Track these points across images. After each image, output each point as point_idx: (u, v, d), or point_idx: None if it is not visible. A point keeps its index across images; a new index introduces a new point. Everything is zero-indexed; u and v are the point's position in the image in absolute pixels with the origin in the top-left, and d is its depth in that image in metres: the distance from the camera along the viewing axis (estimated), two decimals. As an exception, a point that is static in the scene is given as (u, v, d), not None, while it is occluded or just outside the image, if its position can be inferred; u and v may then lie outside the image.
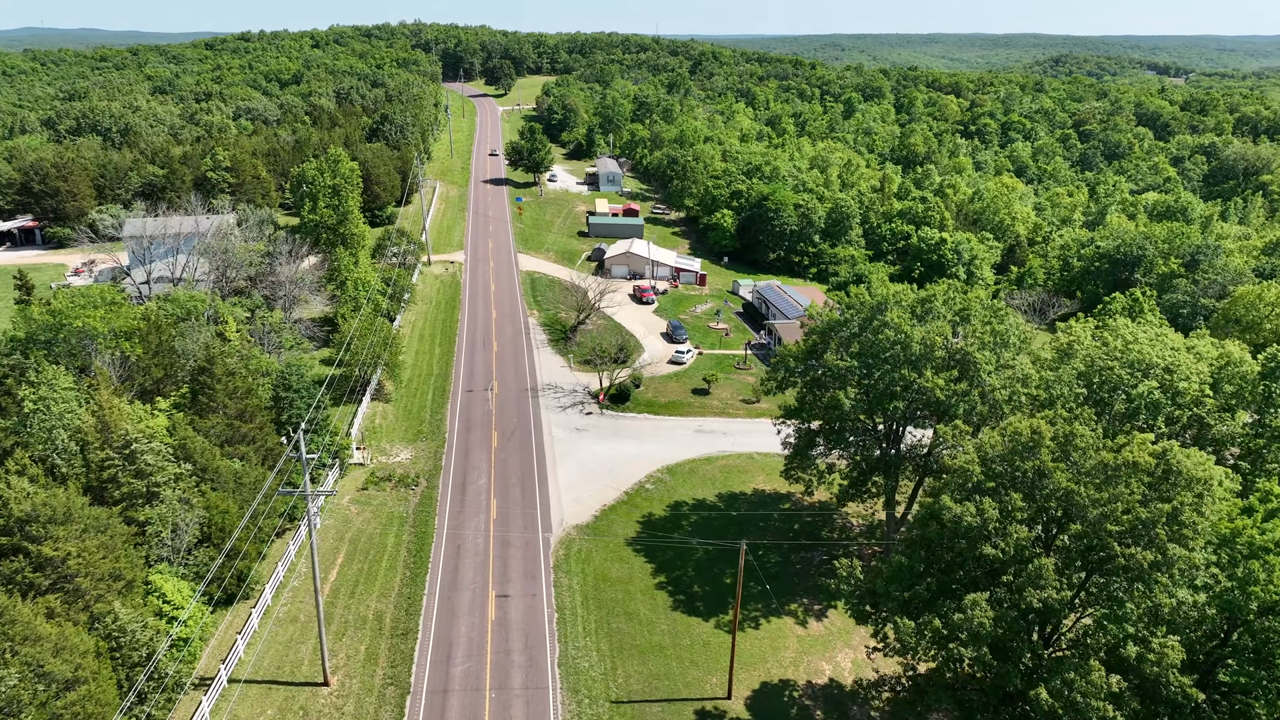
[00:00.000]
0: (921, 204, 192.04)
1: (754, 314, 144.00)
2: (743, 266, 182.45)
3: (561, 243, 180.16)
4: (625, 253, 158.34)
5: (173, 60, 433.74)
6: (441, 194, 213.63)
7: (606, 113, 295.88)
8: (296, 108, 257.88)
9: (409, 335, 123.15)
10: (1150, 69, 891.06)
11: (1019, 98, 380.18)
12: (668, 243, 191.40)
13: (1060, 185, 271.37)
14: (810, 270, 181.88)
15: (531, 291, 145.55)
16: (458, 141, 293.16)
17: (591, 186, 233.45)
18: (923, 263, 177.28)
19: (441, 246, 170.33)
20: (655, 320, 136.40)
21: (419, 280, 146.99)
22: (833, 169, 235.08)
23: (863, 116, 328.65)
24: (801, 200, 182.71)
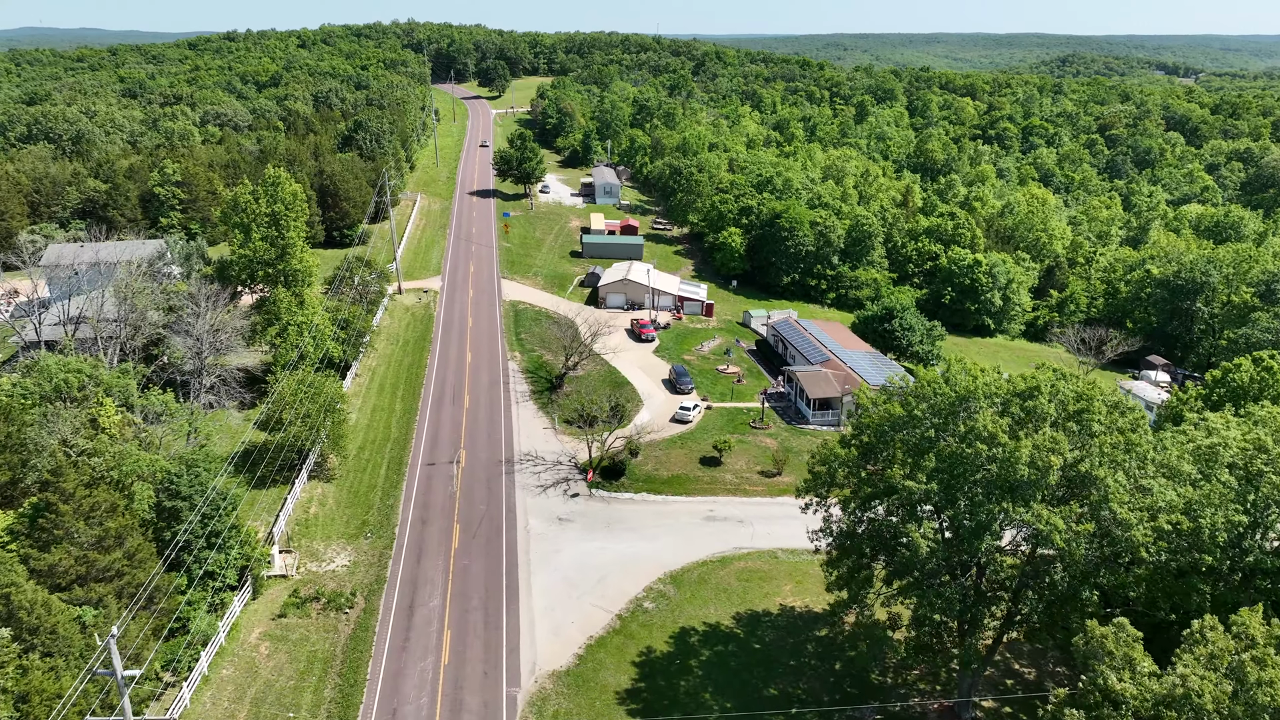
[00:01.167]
0: (950, 221, 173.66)
1: (769, 353, 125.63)
2: (753, 291, 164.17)
3: (552, 265, 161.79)
4: (622, 280, 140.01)
5: (152, 60, 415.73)
6: (422, 208, 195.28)
7: (604, 117, 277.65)
8: (270, 112, 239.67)
9: (366, 386, 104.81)
10: (1159, 69, 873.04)
11: (1038, 100, 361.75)
12: (669, 263, 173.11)
13: (1091, 194, 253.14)
14: (828, 295, 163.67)
15: (514, 327, 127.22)
16: (446, 148, 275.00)
17: (587, 198, 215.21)
18: (953, 287, 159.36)
19: (416, 271, 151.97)
20: (656, 363, 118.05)
21: (385, 315, 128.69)
22: (848, 179, 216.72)
23: (876, 120, 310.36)
24: (818, 217, 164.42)
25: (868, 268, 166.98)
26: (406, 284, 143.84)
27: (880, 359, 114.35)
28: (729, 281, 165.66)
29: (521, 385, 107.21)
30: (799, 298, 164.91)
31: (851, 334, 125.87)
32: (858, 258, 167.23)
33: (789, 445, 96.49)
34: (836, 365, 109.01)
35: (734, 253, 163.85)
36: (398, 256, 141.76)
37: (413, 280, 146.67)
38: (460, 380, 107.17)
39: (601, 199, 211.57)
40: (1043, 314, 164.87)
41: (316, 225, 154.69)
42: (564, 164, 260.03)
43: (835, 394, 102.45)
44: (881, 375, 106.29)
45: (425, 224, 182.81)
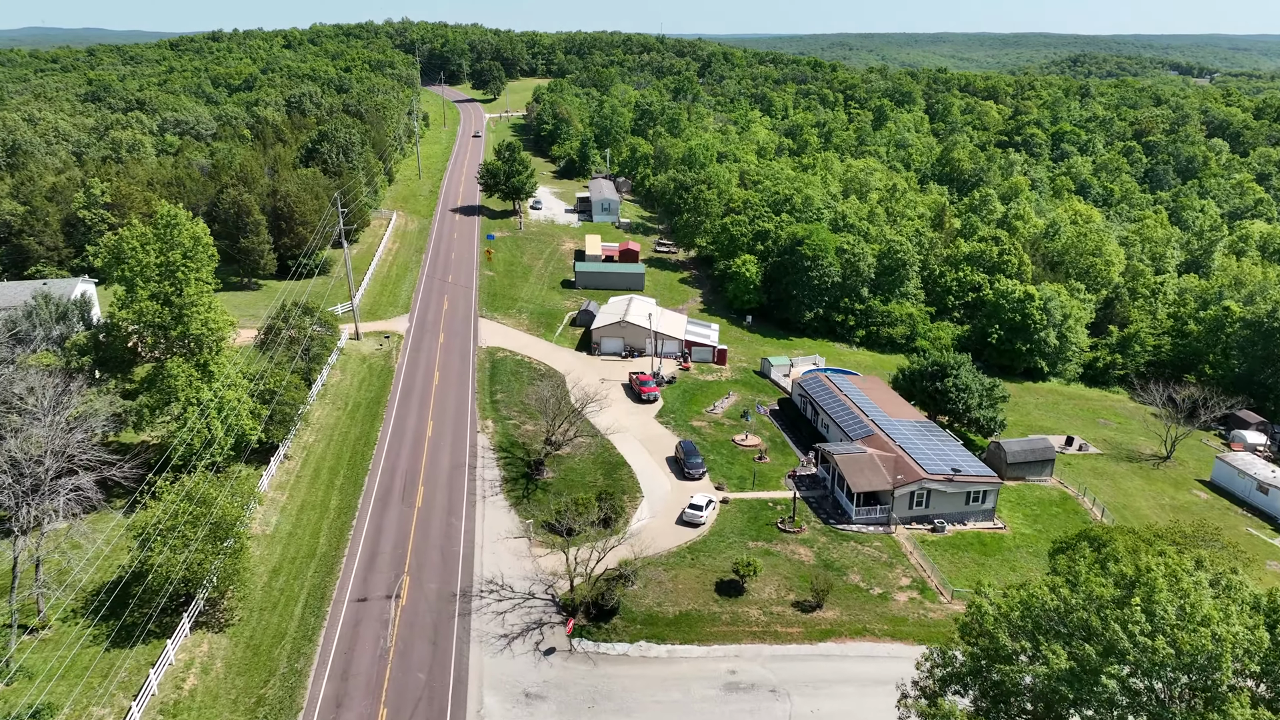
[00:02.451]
0: (995, 246, 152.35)
1: (795, 417, 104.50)
2: (770, 328, 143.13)
3: (539, 298, 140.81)
4: (619, 323, 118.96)
5: (130, 61, 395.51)
6: (398, 228, 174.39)
7: (603, 123, 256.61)
8: (238, 119, 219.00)
9: (296, 473, 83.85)
10: (1173, 69, 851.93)
11: (1065, 104, 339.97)
12: (674, 294, 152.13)
13: (1134, 208, 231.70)
14: (857, 333, 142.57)
15: (489, 384, 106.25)
16: (433, 155, 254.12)
17: (583, 215, 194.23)
18: (1001, 324, 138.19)
19: (381, 308, 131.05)
20: (659, 433, 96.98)
21: (335, 368, 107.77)
22: (873, 195, 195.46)
23: (896, 126, 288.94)
24: (845, 243, 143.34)
25: (901, 300, 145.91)
26: (367, 325, 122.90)
27: (933, 431, 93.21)
28: (742, 317, 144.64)
29: (492, 470, 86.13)
30: (823, 335, 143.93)
31: (892, 393, 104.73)
32: (890, 289, 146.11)
33: (829, 558, 75.50)
34: (882, 443, 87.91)
35: (748, 284, 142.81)
36: (355, 298, 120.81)
37: (375, 321, 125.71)
38: (415, 464, 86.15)
39: (599, 216, 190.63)
40: (1102, 355, 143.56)
41: (268, 255, 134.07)
42: (559, 175, 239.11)
43: (885, 485, 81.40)
44: (940, 457, 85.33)
45: (398, 248, 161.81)
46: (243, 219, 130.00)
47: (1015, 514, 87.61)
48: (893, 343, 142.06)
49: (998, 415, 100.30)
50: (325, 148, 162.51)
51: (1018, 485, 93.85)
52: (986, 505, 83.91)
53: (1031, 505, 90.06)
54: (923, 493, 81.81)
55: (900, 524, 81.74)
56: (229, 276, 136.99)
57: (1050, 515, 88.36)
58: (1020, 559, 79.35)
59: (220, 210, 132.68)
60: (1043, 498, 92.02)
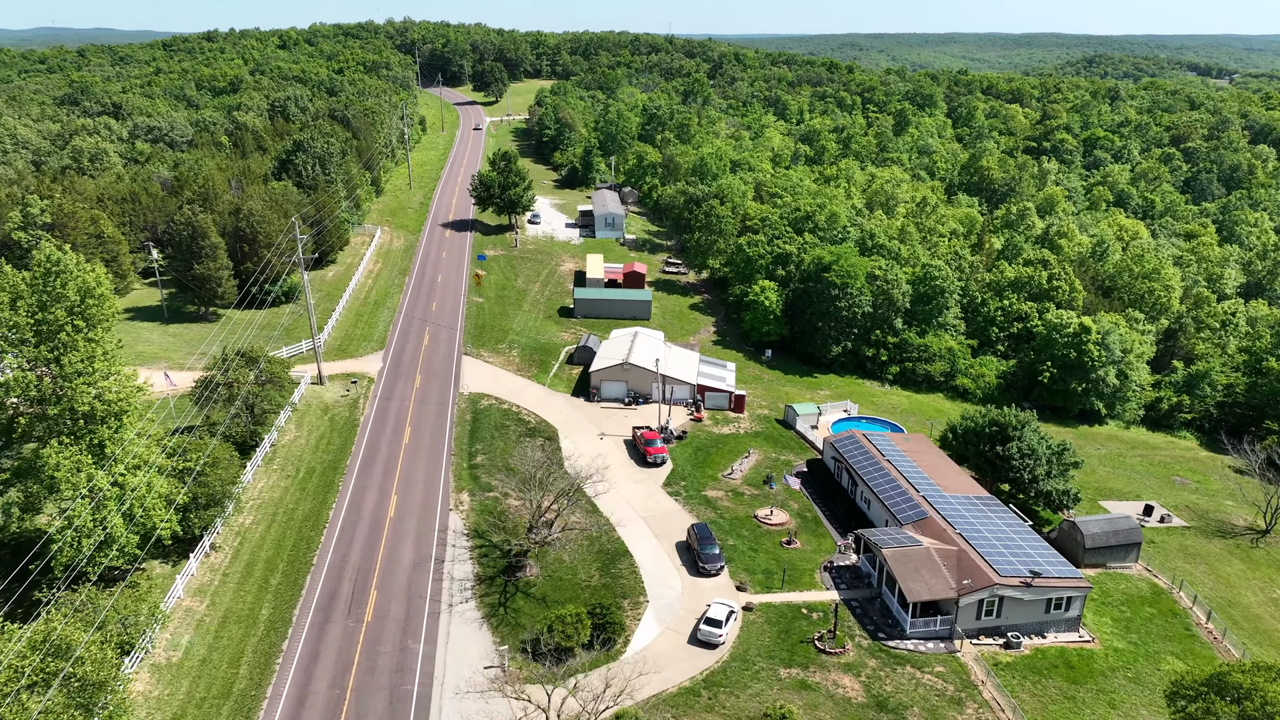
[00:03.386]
0: (1043, 271, 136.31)
1: (828, 483, 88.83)
2: (792, 364, 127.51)
3: (533, 330, 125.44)
4: (622, 364, 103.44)
5: (119, 62, 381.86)
6: (381, 247, 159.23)
7: (609, 128, 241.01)
8: (217, 125, 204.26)
9: (225, 566, 68.54)
10: (1190, 69, 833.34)
11: (1095, 107, 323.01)
12: (684, 321, 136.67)
13: (1179, 220, 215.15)
14: (889, 370, 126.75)
15: (469, 444, 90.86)
16: (428, 162, 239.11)
17: (585, 230, 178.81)
18: (1054, 361, 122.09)
19: (353, 343, 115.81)
20: (667, 508, 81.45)
21: (291, 422, 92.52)
22: (900, 209, 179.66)
23: (919, 132, 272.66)
24: (877, 268, 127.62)
25: (939, 333, 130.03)
26: (334, 366, 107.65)
27: (996, 510, 77.41)
28: (761, 350, 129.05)
29: (463, 565, 70.68)
30: (852, 371, 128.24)
31: (941, 455, 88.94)
32: (926, 320, 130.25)
33: (881, 692, 59.87)
34: (939, 530, 72.24)
35: (767, 314, 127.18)
36: (318, 336, 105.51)
37: (344, 359, 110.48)
38: (370, 557, 70.73)
39: (602, 232, 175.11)
40: (1167, 395, 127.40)
41: (227, 282, 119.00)
42: (561, 184, 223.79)
43: (947, 593, 65.75)
44: (1012, 550, 69.64)
45: (380, 269, 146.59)
46: (198, 242, 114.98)
47: (1101, 617, 71.82)
48: (930, 381, 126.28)
49: (1070, 488, 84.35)
50: (300, 159, 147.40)
51: (1097, 574, 78.11)
52: (1071, 613, 68.18)
53: (1119, 604, 74.23)
54: (994, 600, 66.10)
55: (966, 638, 66.07)
56: (184, 306, 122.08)
57: (1144, 619, 72.51)
58: (1119, 688, 63.51)
59: (174, 232, 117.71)
60: (1130, 592, 76.18)
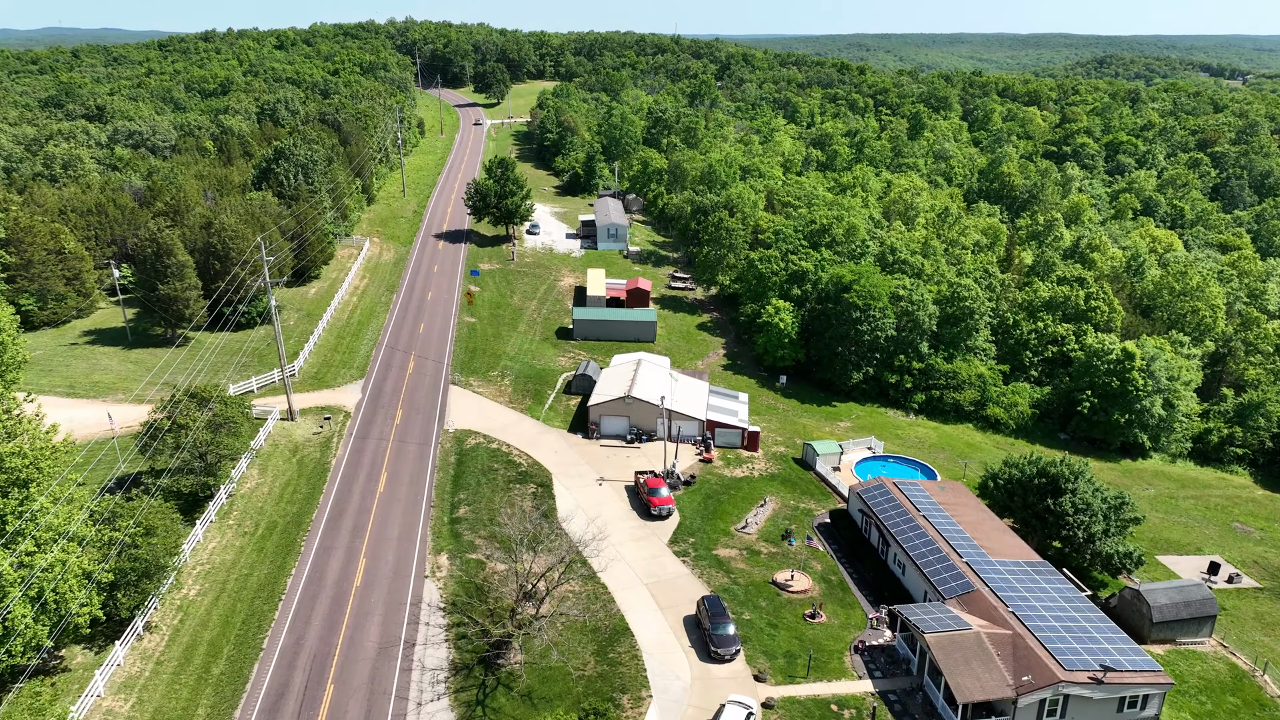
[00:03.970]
0: (1080, 289, 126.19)
1: (854, 539, 78.87)
2: (809, 391, 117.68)
3: (528, 354, 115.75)
4: (623, 399, 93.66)
5: (113, 62, 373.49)
6: (370, 259, 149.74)
7: (613, 132, 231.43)
8: (203, 129, 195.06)
9: (152, 662, 58.68)
10: (1203, 70, 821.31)
11: (1116, 109, 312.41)
12: (691, 343, 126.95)
13: (1211, 230, 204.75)
14: (915, 398, 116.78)
15: (452, 492, 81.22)
16: (425, 167, 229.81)
17: (586, 241, 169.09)
18: (1094, 389, 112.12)
19: (332, 370, 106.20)
20: (674, 571, 71.68)
21: (254, 465, 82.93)
22: (920, 219, 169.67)
23: (935, 136, 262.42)
24: (901, 287, 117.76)
25: (968, 357, 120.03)
26: (308, 398, 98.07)
27: (1052, 580, 67.36)
28: (775, 376, 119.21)
29: (437, 650, 60.89)
30: (874, 399, 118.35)
31: (982, 508, 78.98)
32: (954, 343, 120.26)
33: (930, 820, 49.94)
34: (989, 608, 62.32)
35: (782, 337, 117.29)
36: (287, 368, 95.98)
37: (320, 390, 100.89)
38: (329, 640, 60.99)
39: (605, 243, 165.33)
40: (1216, 427, 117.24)
41: (196, 302, 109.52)
42: (562, 190, 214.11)
43: (1003, 693, 55.83)
44: (1076, 634, 59.71)
45: (366, 286, 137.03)
46: (162, 260, 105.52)
47: (1179, 712, 61.86)
48: (959, 410, 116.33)
49: (1132, 549, 74.26)
50: (281, 168, 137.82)
51: (1166, 652, 68.18)
52: (1148, 713, 58.19)
53: (1195, 692, 64.25)
54: (1058, 700, 56.21)
55: (1024, 743, 56.18)
56: (150, 328, 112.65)
57: (1227, 713, 62.52)
58: (1210, 810, 53.57)
59: (138, 249, 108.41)
60: (1207, 677, 66.20)
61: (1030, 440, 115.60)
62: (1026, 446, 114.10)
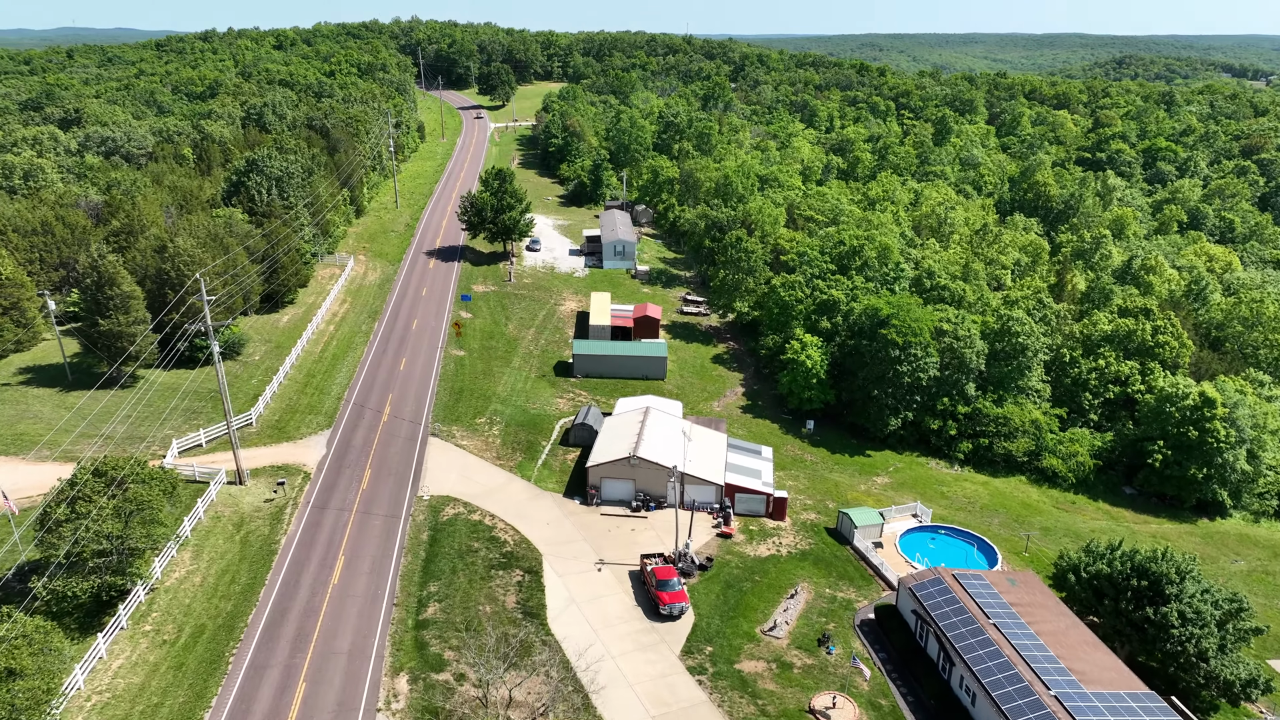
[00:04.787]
0: (1146, 321, 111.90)
1: (906, 648, 64.86)
2: (839, 435, 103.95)
3: (521, 396, 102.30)
4: (627, 459, 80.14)
5: (107, 63, 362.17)
6: (353, 280, 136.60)
7: (621, 138, 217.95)
8: (182, 135, 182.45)
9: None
10: (1225, 71, 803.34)
11: (1152, 113, 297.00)
12: (706, 380, 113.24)
13: (1266, 245, 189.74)
14: (959, 446, 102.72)
15: (420, 581, 67.78)
16: (423, 174, 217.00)
17: (591, 258, 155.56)
18: (1166, 439, 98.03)
19: (296, 418, 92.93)
20: (686, 699, 57.97)
21: (189, 543, 69.64)
22: (955, 235, 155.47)
23: (963, 142, 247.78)
24: (945, 321, 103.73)
25: (1020, 399, 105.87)
26: (265, 454, 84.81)
27: (1161, 715, 53.49)
28: (801, 421, 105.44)
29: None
30: (913, 447, 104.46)
31: (1062, 609, 64.85)
32: (1004, 384, 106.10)
33: None
34: (1093, 770, 48.35)
35: (809, 377, 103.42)
36: (234, 422, 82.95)
37: (280, 443, 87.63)
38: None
39: (611, 261, 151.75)
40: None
41: (144, 338, 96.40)
42: (566, 201, 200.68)
43: None
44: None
45: (345, 313, 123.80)
46: (104, 291, 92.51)
47: None
48: (1010, 461, 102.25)
49: (1258, 674, 60.07)
50: (253, 181, 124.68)
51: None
52: None
53: None
54: None
55: None
56: (95, 366, 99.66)
57: None
58: None
59: (78, 278, 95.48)
60: None
61: (1092, 495, 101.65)
62: (1089, 503, 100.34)
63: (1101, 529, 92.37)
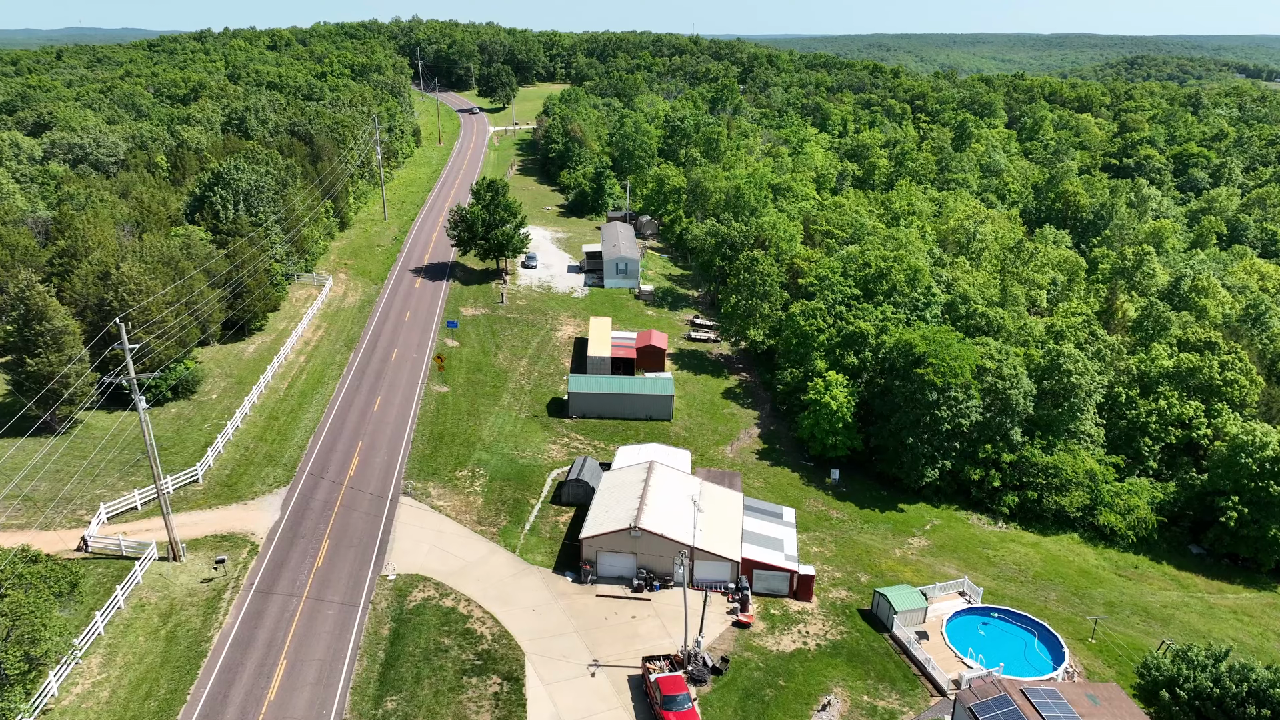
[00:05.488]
0: (1212, 356, 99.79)
1: (966, 782, 53.14)
2: (867, 486, 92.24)
3: (510, 441, 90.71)
4: (628, 530, 68.45)
5: (96, 63, 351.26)
6: (330, 302, 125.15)
7: (625, 143, 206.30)
8: (158, 142, 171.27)
9: None
10: (1238, 71, 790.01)
11: (1180, 116, 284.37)
12: (716, 419, 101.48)
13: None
14: (1005, 499, 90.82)
15: (375, 694, 56.04)
16: (416, 181, 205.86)
17: (592, 276, 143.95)
18: (1241, 493, 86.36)
19: (250, 471, 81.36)
20: None
21: (99, 644, 58.08)
22: (987, 252, 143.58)
23: (985, 147, 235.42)
24: (988, 358, 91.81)
25: (1071, 445, 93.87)
26: (207, 519, 73.20)
27: None
28: (825, 470, 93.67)
29: None
30: (951, 498, 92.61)
31: (1157, 730, 53.11)
32: (1053, 428, 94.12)
33: None
34: None
35: (835, 420, 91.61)
36: (167, 483, 71.65)
37: (228, 504, 76.07)
38: None
39: (613, 280, 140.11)
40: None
41: (79, 379, 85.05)
42: (567, 211, 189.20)
43: None
44: None
45: (319, 341, 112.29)
46: (32, 327, 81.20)
47: None
48: (1062, 516, 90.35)
49: None
50: (217, 196, 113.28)
51: None
52: None
53: None
54: None
55: None
56: (28, 410, 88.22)
57: None
58: None
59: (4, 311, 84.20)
60: None
61: (1155, 556, 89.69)
62: (1153, 567, 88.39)
63: (1173, 602, 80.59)
